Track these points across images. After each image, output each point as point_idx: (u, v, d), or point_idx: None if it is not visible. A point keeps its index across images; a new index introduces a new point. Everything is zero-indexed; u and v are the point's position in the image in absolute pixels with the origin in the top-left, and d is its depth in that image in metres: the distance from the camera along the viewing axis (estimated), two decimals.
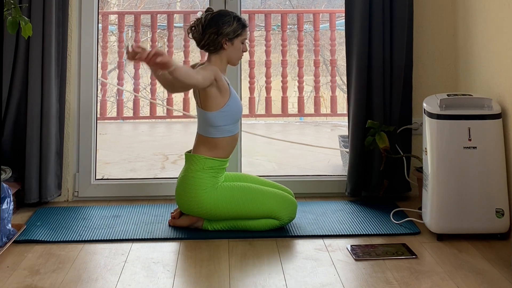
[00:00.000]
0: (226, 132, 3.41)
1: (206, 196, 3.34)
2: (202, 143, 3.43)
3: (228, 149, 3.45)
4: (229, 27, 3.42)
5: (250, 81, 6.63)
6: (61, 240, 3.27)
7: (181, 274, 2.90)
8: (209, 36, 3.41)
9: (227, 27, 3.41)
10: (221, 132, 3.41)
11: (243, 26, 3.46)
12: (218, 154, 3.41)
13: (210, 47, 3.44)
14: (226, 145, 3.43)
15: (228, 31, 3.41)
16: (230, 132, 3.43)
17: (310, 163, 5.50)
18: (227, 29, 3.41)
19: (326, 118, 7.21)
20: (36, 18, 3.78)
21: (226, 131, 3.41)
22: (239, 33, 3.44)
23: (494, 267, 2.91)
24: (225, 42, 3.42)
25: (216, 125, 3.39)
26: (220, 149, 3.41)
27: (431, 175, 3.29)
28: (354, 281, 2.81)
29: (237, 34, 3.44)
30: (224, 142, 3.42)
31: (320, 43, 6.89)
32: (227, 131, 3.42)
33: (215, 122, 3.39)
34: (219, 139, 3.41)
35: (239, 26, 3.44)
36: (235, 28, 3.43)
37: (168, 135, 6.71)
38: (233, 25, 3.42)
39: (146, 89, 7.26)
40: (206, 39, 3.43)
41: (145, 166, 5.47)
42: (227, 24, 3.41)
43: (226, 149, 3.43)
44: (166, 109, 6.94)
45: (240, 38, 3.46)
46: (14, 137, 3.84)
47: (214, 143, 3.40)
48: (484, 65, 3.63)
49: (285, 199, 3.44)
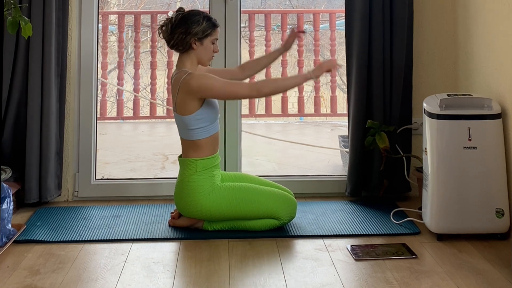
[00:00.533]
0: (204, 133, 3.39)
1: (204, 199, 3.34)
2: (187, 146, 3.43)
3: (212, 146, 3.43)
4: (198, 26, 3.39)
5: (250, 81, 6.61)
6: (61, 240, 3.27)
7: (181, 274, 2.90)
8: (178, 36, 3.39)
9: (196, 27, 3.39)
10: (200, 133, 3.39)
11: (213, 26, 3.43)
12: (205, 153, 3.39)
13: (179, 46, 3.42)
14: (208, 144, 3.41)
15: (197, 31, 3.39)
16: (208, 133, 3.41)
17: (310, 163, 5.50)
18: (196, 28, 3.39)
19: (326, 118, 7.20)
20: (36, 18, 3.78)
21: (204, 132, 3.39)
22: (208, 33, 3.42)
23: (494, 267, 2.91)
24: (194, 42, 3.40)
25: (193, 128, 3.38)
26: (204, 149, 3.40)
27: (431, 175, 3.29)
28: (354, 281, 2.81)
29: (207, 34, 3.41)
30: (205, 141, 3.40)
31: (320, 43, 6.89)
32: (205, 131, 3.39)
33: (192, 125, 3.37)
34: (200, 140, 3.39)
35: (208, 25, 3.41)
36: (204, 28, 3.40)
37: (168, 135, 6.70)
38: (202, 25, 3.39)
39: (146, 89, 7.26)
40: (175, 39, 3.40)
41: (145, 166, 5.47)
42: (196, 24, 3.39)
43: (210, 147, 3.42)
44: (166, 109, 6.94)
45: (210, 38, 3.43)
46: (14, 137, 3.84)
47: (197, 144, 3.39)
48: (484, 65, 3.63)
49: (285, 199, 3.44)
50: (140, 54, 6.85)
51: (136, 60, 6.72)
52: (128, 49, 7.85)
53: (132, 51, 7.46)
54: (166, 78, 6.67)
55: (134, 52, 6.86)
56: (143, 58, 7.44)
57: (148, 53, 7.38)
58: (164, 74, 7.10)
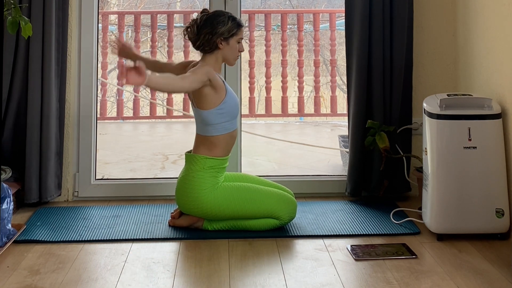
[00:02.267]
0: (223, 129, 3.41)
1: (206, 196, 3.34)
2: (201, 143, 3.43)
3: (227, 147, 3.45)
4: (224, 26, 3.42)
5: (250, 81, 6.62)
6: (61, 240, 3.28)
7: (181, 274, 2.90)
8: (204, 36, 3.42)
9: (221, 27, 3.42)
10: (219, 130, 3.40)
11: (238, 26, 3.46)
12: (217, 153, 3.41)
13: (205, 47, 3.44)
14: (225, 143, 3.43)
15: (223, 31, 3.42)
16: (227, 129, 3.43)
17: (310, 163, 5.50)
18: (221, 28, 3.42)
19: (326, 118, 7.20)
20: (36, 18, 3.78)
21: (223, 128, 3.41)
22: (234, 33, 3.45)
23: (494, 267, 2.91)
24: (220, 42, 3.42)
25: (213, 123, 3.39)
26: (219, 147, 3.41)
27: (431, 175, 3.29)
28: (354, 281, 2.81)
29: (232, 33, 3.44)
30: (223, 139, 3.42)
31: (320, 43, 6.89)
32: (224, 128, 3.42)
33: (211, 120, 3.39)
34: (217, 137, 3.41)
35: (234, 25, 3.44)
36: (230, 28, 3.43)
37: (168, 135, 6.71)
38: (227, 25, 3.43)
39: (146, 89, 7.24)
40: (201, 40, 3.43)
41: (145, 166, 5.47)
42: (221, 24, 3.42)
43: (225, 147, 3.43)
44: (166, 109, 6.94)
45: (236, 38, 3.46)
46: (14, 137, 3.84)
47: (213, 142, 3.40)
48: (484, 65, 3.63)
49: (285, 199, 3.44)
50: None
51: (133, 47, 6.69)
52: None
53: None
54: None
55: None
56: None
57: (148, 53, 7.38)
58: None
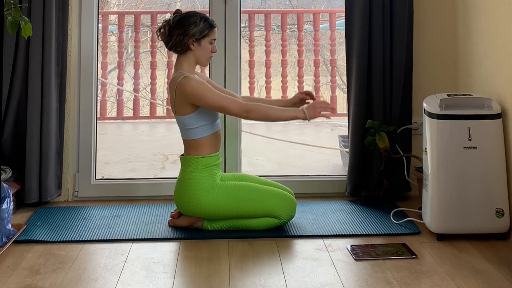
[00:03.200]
0: (205, 131, 3.41)
1: (204, 196, 3.34)
2: (188, 146, 3.44)
3: (214, 145, 3.45)
4: (196, 27, 3.42)
5: (250, 81, 6.62)
6: (61, 240, 3.28)
7: (181, 274, 2.90)
8: (176, 37, 3.43)
9: (193, 28, 3.42)
10: (200, 132, 3.40)
11: (210, 27, 3.46)
12: (206, 152, 3.40)
13: (177, 48, 3.45)
14: (210, 143, 3.43)
15: (194, 32, 3.42)
16: (210, 131, 3.42)
17: (310, 163, 5.50)
18: (193, 29, 3.42)
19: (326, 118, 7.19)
20: (36, 18, 3.77)
21: (204, 131, 3.41)
22: (206, 34, 3.44)
23: (494, 267, 2.91)
24: (191, 43, 3.42)
25: (193, 127, 3.39)
26: (205, 147, 3.41)
27: (431, 175, 3.29)
28: (354, 281, 2.81)
29: (204, 34, 3.44)
30: (206, 140, 3.42)
31: (320, 43, 6.89)
32: (205, 130, 3.41)
33: (191, 124, 3.39)
34: (201, 139, 3.41)
35: (205, 26, 3.44)
36: (202, 29, 3.43)
37: (168, 135, 6.71)
38: (199, 26, 3.43)
39: (146, 89, 7.26)
40: (173, 40, 3.44)
41: (145, 166, 5.47)
42: (193, 25, 3.42)
43: (211, 145, 3.43)
44: (166, 109, 6.94)
45: (208, 39, 3.45)
46: (14, 137, 3.84)
47: (198, 143, 3.40)
48: (484, 65, 3.63)
49: (284, 198, 3.44)
50: (140, 54, 6.85)
51: (136, 60, 6.72)
52: (128, 49, 7.85)
53: (132, 51, 7.47)
54: (166, 78, 6.68)
55: (134, 52, 6.86)
56: (143, 58, 7.44)
57: (148, 53, 7.38)
58: (164, 74, 7.11)
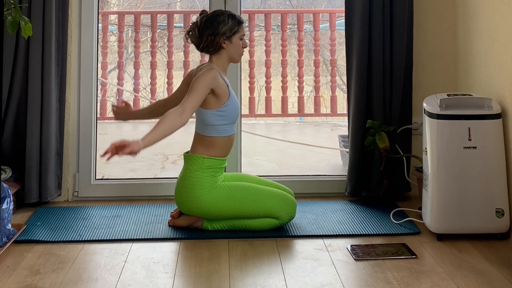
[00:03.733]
0: (222, 131, 3.42)
1: (205, 195, 3.34)
2: (199, 142, 3.43)
3: (225, 149, 3.45)
4: (225, 25, 3.43)
5: (250, 81, 6.62)
6: (61, 240, 3.28)
7: (181, 274, 2.90)
8: (206, 38, 3.43)
9: (223, 26, 3.43)
10: (218, 131, 3.41)
11: (238, 23, 3.47)
12: (215, 153, 3.41)
13: (209, 48, 3.46)
14: (223, 145, 3.43)
15: (225, 30, 3.43)
16: (226, 132, 3.43)
17: (310, 163, 5.50)
18: (223, 28, 3.43)
19: (326, 118, 7.20)
20: (36, 18, 3.77)
21: (223, 130, 3.42)
22: (235, 30, 3.46)
23: (494, 267, 2.91)
24: (223, 41, 3.43)
25: (213, 124, 3.39)
26: (216, 148, 3.41)
27: (431, 175, 3.29)
28: (354, 281, 2.81)
29: (234, 31, 3.45)
30: (221, 141, 3.42)
31: (320, 43, 6.89)
32: (224, 130, 3.42)
33: (212, 120, 3.39)
34: (216, 138, 3.41)
35: (234, 23, 3.45)
36: (231, 26, 3.44)
37: None
38: (228, 23, 3.44)
39: (146, 89, 7.26)
40: (204, 42, 3.44)
41: (145, 166, 5.46)
42: (222, 24, 3.43)
43: (222, 148, 3.43)
44: None
45: (238, 35, 3.47)
46: (14, 137, 3.84)
47: (211, 142, 3.41)
48: (484, 65, 3.63)
49: (285, 198, 3.44)
50: (140, 54, 6.85)
51: (136, 60, 6.72)
52: (128, 49, 7.85)
53: (132, 51, 7.47)
54: (166, 78, 6.67)
55: (134, 52, 6.86)
56: (143, 58, 7.44)
57: (148, 53, 7.38)
58: (164, 74, 7.10)
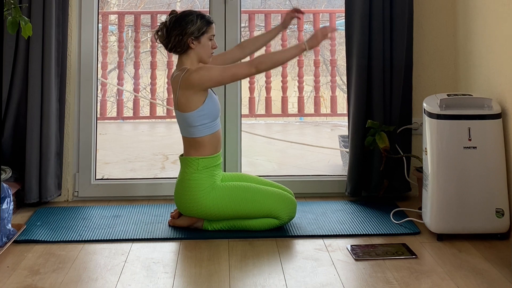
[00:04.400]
0: (206, 130, 3.41)
1: (204, 197, 3.34)
2: (188, 144, 3.44)
3: (213, 145, 3.44)
4: (193, 25, 3.42)
5: (250, 81, 6.63)
6: (61, 240, 3.28)
7: (181, 274, 2.90)
8: (174, 38, 3.42)
9: (191, 26, 3.42)
10: (201, 131, 3.40)
11: (207, 23, 3.46)
12: (206, 152, 3.40)
13: (177, 48, 3.45)
14: (211, 143, 3.43)
15: (193, 30, 3.42)
16: (211, 130, 3.42)
17: (310, 163, 5.50)
18: (191, 28, 3.42)
19: (326, 118, 7.21)
20: (36, 18, 3.77)
21: (206, 129, 3.41)
22: (204, 31, 3.44)
23: (494, 267, 2.91)
24: (191, 42, 3.42)
25: (195, 125, 3.39)
26: (206, 147, 3.41)
27: (431, 175, 3.29)
28: (354, 281, 2.81)
29: (203, 31, 3.44)
30: (208, 139, 3.42)
31: None
32: (207, 129, 3.41)
33: (193, 122, 3.39)
34: (202, 138, 3.41)
35: (203, 23, 3.44)
36: (199, 26, 3.43)
37: (168, 135, 6.71)
38: (196, 23, 3.42)
39: (146, 89, 7.26)
40: (172, 42, 3.43)
41: (145, 166, 5.47)
42: (190, 24, 3.42)
43: (211, 146, 3.43)
44: (166, 109, 6.94)
45: (207, 35, 3.45)
46: (14, 137, 3.84)
47: (199, 142, 3.40)
48: (484, 65, 3.63)
49: (285, 198, 3.44)
50: (140, 54, 6.85)
51: (136, 60, 6.72)
52: (128, 49, 7.85)
53: (132, 51, 7.46)
54: (166, 78, 6.68)
55: (134, 52, 6.86)
56: (143, 58, 7.44)
57: (148, 53, 7.38)
58: (164, 74, 7.11)
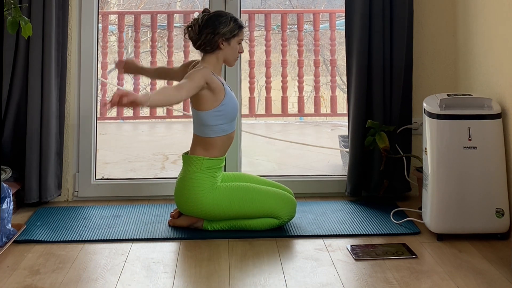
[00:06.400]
0: (221, 131, 3.41)
1: (205, 197, 3.34)
2: (198, 143, 3.43)
3: (224, 148, 3.45)
4: (226, 27, 3.43)
5: (250, 81, 6.63)
6: (61, 240, 3.28)
7: (181, 274, 2.90)
8: (205, 36, 3.42)
9: (224, 27, 3.42)
10: (216, 131, 3.40)
11: (239, 27, 3.47)
12: (214, 154, 3.41)
13: (206, 47, 3.45)
14: (222, 144, 3.43)
15: (225, 31, 3.42)
16: (225, 131, 3.43)
17: (310, 163, 5.50)
18: (224, 29, 3.42)
19: (326, 118, 7.21)
20: (36, 18, 3.78)
21: (221, 130, 3.41)
22: (235, 34, 3.46)
23: (494, 267, 2.91)
24: (221, 42, 3.43)
25: (210, 125, 3.39)
26: (216, 149, 3.41)
27: (431, 175, 3.29)
28: (354, 281, 2.81)
29: (234, 34, 3.45)
30: (220, 141, 3.42)
31: (320, 43, 6.89)
32: (222, 130, 3.42)
33: (209, 121, 3.39)
34: (215, 139, 3.41)
35: (235, 26, 3.45)
36: (232, 28, 3.44)
37: (168, 135, 6.71)
38: (229, 25, 3.43)
39: (146, 89, 7.26)
40: (203, 39, 3.43)
41: (145, 166, 5.47)
42: (224, 24, 3.43)
43: (221, 148, 3.43)
44: (166, 109, 6.94)
45: (237, 39, 3.47)
46: (14, 137, 3.84)
47: (210, 143, 3.40)
48: (484, 65, 3.63)
49: (284, 198, 3.44)
50: (140, 54, 6.85)
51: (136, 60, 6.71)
52: (128, 49, 7.86)
53: (132, 51, 7.47)
54: None
55: (134, 52, 6.86)
56: (143, 58, 7.44)
57: (148, 53, 7.39)
58: None
